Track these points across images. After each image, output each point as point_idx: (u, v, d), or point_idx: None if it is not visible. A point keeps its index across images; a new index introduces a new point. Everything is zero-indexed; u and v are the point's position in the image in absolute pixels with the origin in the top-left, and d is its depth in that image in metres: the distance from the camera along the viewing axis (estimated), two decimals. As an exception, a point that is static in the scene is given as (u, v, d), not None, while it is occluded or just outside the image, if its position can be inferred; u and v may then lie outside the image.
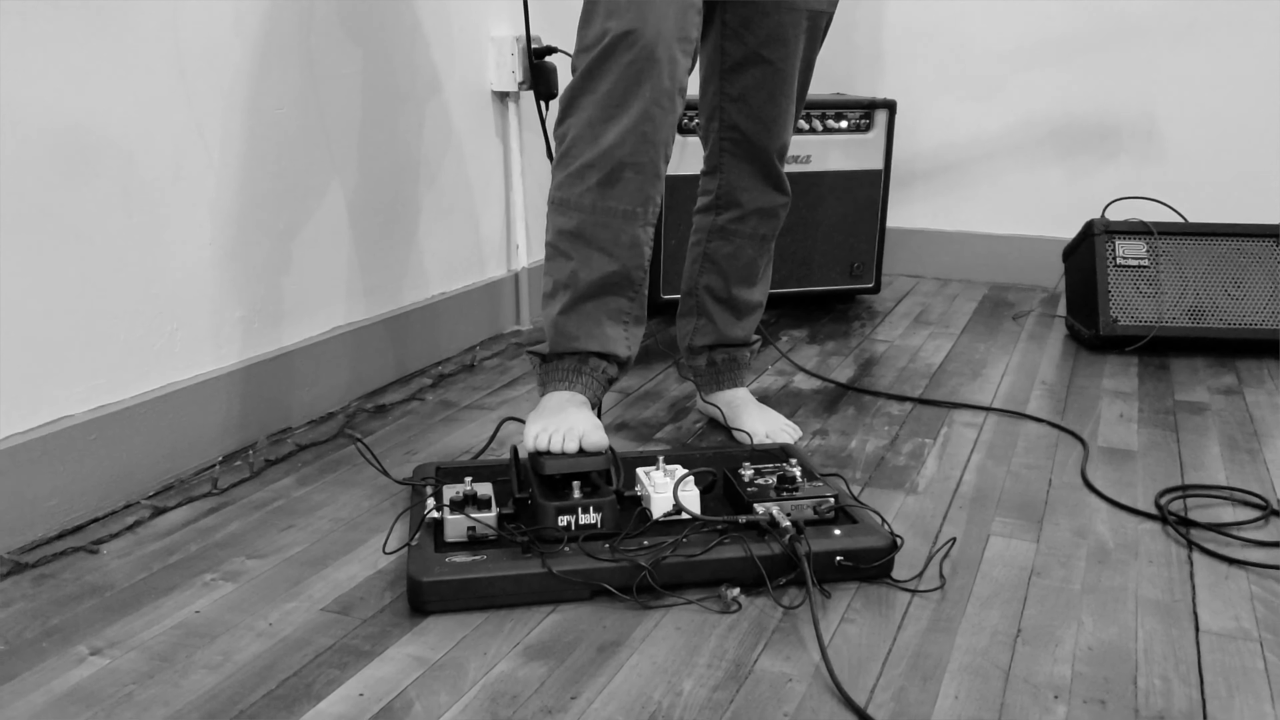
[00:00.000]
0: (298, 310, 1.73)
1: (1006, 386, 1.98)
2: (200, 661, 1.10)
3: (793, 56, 1.53)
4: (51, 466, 1.34)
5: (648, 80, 1.33)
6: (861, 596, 1.23)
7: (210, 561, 1.31)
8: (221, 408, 1.58)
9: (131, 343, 1.45)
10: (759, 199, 1.63)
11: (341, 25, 1.74)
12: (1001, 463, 1.63)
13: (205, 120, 1.51)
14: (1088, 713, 1.02)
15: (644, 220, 1.41)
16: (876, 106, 2.45)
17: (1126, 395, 1.94)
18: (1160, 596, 1.24)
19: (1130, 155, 2.62)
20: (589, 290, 1.43)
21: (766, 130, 1.58)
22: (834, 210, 2.46)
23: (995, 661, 1.10)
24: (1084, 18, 2.59)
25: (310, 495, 1.49)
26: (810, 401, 1.90)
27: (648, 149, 1.36)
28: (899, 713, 1.02)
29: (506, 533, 1.25)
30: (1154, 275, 2.19)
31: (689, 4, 1.36)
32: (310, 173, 1.72)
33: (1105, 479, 1.57)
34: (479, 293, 2.19)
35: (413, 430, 1.75)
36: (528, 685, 1.05)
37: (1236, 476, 1.58)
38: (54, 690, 1.05)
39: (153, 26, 1.41)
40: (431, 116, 2.00)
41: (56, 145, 1.31)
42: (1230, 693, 1.05)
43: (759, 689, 1.05)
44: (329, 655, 1.10)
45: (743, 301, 1.71)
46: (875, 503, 1.48)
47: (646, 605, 1.20)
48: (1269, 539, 1.38)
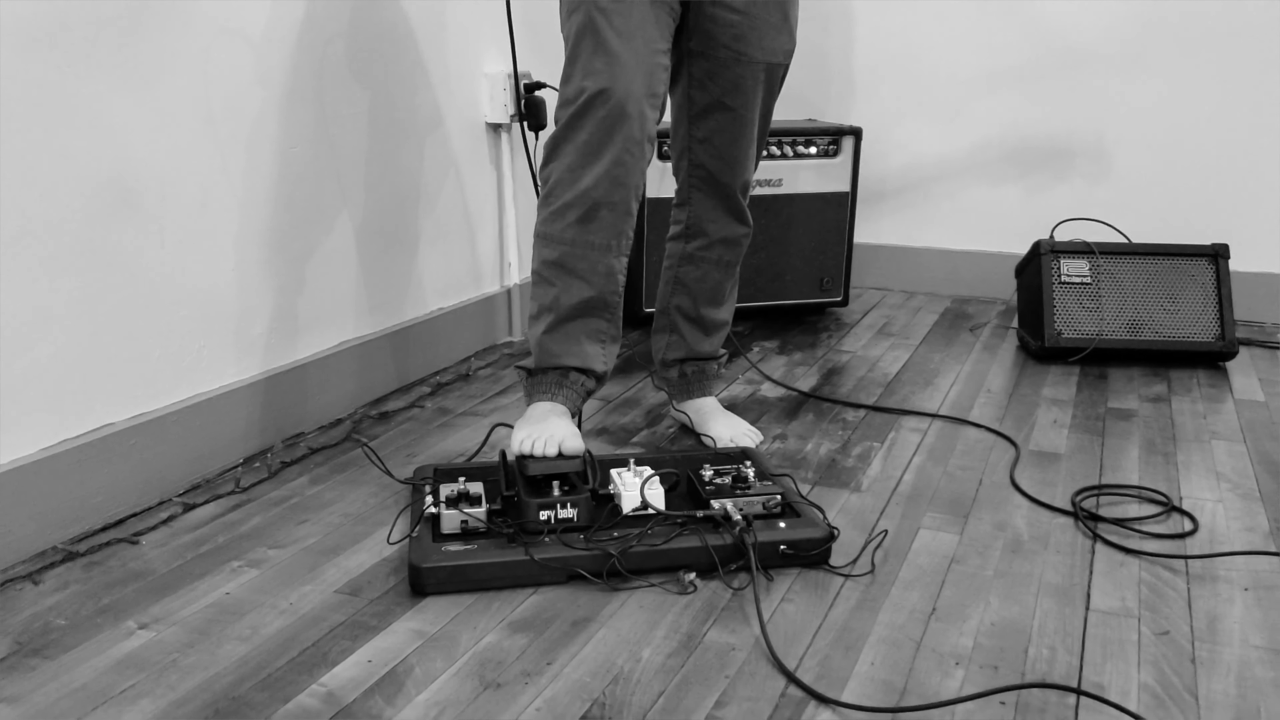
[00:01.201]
0: (310, 326, 1.92)
1: (954, 394, 2.18)
2: (232, 634, 1.29)
3: (752, 104, 1.72)
4: (97, 468, 1.53)
5: (620, 132, 1.52)
6: (801, 580, 1.42)
7: (236, 551, 1.50)
8: (243, 414, 1.78)
9: (164, 358, 1.64)
10: (723, 230, 1.83)
11: (350, 70, 1.94)
12: (939, 464, 1.82)
13: (229, 160, 1.70)
14: (982, 676, 1.21)
15: (618, 252, 1.60)
16: (843, 133, 2.64)
17: (1063, 403, 2.13)
18: (1060, 581, 1.43)
19: (1081, 176, 2.81)
20: (570, 313, 1.62)
21: (730, 169, 1.77)
22: (804, 229, 2.65)
23: (909, 635, 1.30)
24: (1037, 48, 2.78)
25: (322, 493, 1.69)
26: (774, 408, 2.09)
27: (620, 191, 1.56)
28: (821, 676, 1.21)
29: (495, 525, 1.44)
30: (1095, 291, 2.38)
31: (656, 64, 1.55)
32: (321, 203, 1.91)
33: (1030, 479, 1.76)
34: (474, 307, 2.39)
35: (413, 434, 1.94)
36: (510, 653, 1.25)
37: (1148, 477, 1.77)
38: (111, 657, 1.24)
39: (184, 80, 1.61)
40: (431, 148, 2.19)
41: (102, 188, 1.50)
42: (1104, 659, 1.25)
43: (706, 656, 1.25)
44: (342, 629, 1.30)
45: (710, 320, 1.90)
46: (822, 500, 1.67)
47: (615, 587, 1.39)
48: (1165, 532, 1.57)
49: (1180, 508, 1.65)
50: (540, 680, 1.20)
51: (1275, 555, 1.50)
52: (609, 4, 1.52)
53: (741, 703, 1.16)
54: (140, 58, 1.53)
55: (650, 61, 1.54)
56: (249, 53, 1.71)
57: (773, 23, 1.67)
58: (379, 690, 1.17)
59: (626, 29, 1.52)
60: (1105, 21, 2.71)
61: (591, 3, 1.53)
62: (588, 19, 1.53)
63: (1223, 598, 1.39)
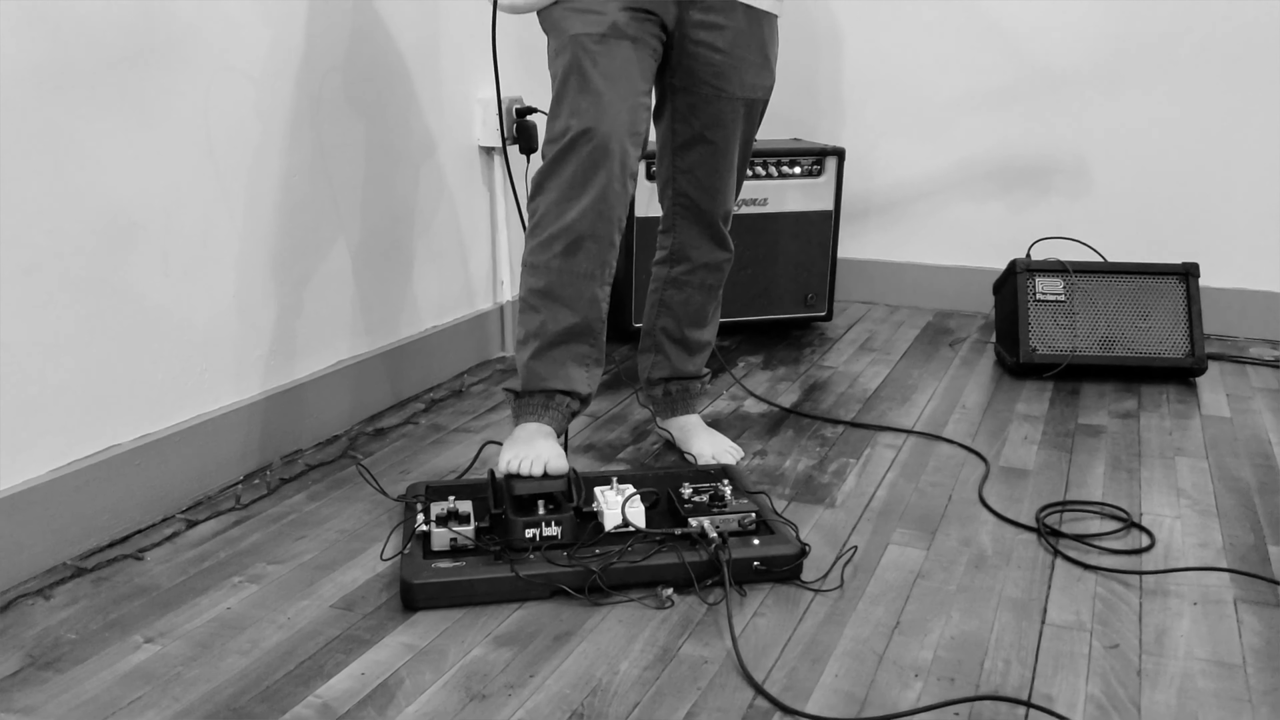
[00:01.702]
0: (308, 348, 2.00)
1: (931, 410, 2.25)
2: (233, 648, 1.37)
3: (732, 137, 1.80)
4: (103, 487, 1.61)
5: (603, 168, 1.60)
6: (773, 595, 1.50)
7: (237, 566, 1.58)
8: (243, 434, 1.85)
9: (168, 381, 1.72)
10: (706, 255, 1.90)
11: (346, 101, 2.01)
12: (911, 481, 1.89)
13: (230, 191, 1.78)
14: (939, 687, 1.29)
15: (601, 280, 1.68)
16: (827, 154, 2.72)
17: (1035, 419, 2.21)
18: (1019, 595, 1.50)
19: (1060, 194, 2.89)
20: (555, 339, 1.70)
21: (711, 198, 1.84)
22: (790, 247, 2.73)
23: (873, 648, 1.37)
24: (1017, 70, 2.86)
25: (319, 510, 1.76)
26: (756, 424, 2.17)
27: (604, 224, 1.63)
28: (788, 687, 1.29)
29: (482, 543, 1.52)
30: (1070, 309, 2.46)
31: (638, 104, 1.63)
32: (319, 229, 1.99)
33: (998, 495, 1.83)
34: (468, 324, 2.46)
35: (407, 451, 2.02)
36: (496, 666, 1.32)
37: (1111, 493, 1.85)
38: (119, 670, 1.31)
39: (186, 115, 1.68)
40: (425, 172, 2.26)
41: (109, 221, 1.58)
42: (1055, 672, 1.32)
43: (680, 669, 1.32)
44: (337, 643, 1.37)
45: (694, 341, 1.98)
46: (797, 515, 1.74)
47: (596, 602, 1.47)
48: (1123, 548, 1.65)
49: (1139, 524, 1.72)
50: (523, 692, 1.27)
51: (1225, 571, 1.57)
52: (594, 46, 1.60)
53: (711, 713, 1.24)
54: (144, 96, 1.61)
55: (633, 102, 1.62)
56: (249, 88, 1.79)
57: (753, 61, 1.74)
58: (371, 701, 1.25)
59: (610, 71, 1.60)
60: (1083, 44, 2.79)
61: (577, 44, 1.60)
62: (574, 60, 1.60)
63: (1172, 612, 1.46)
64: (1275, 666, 1.34)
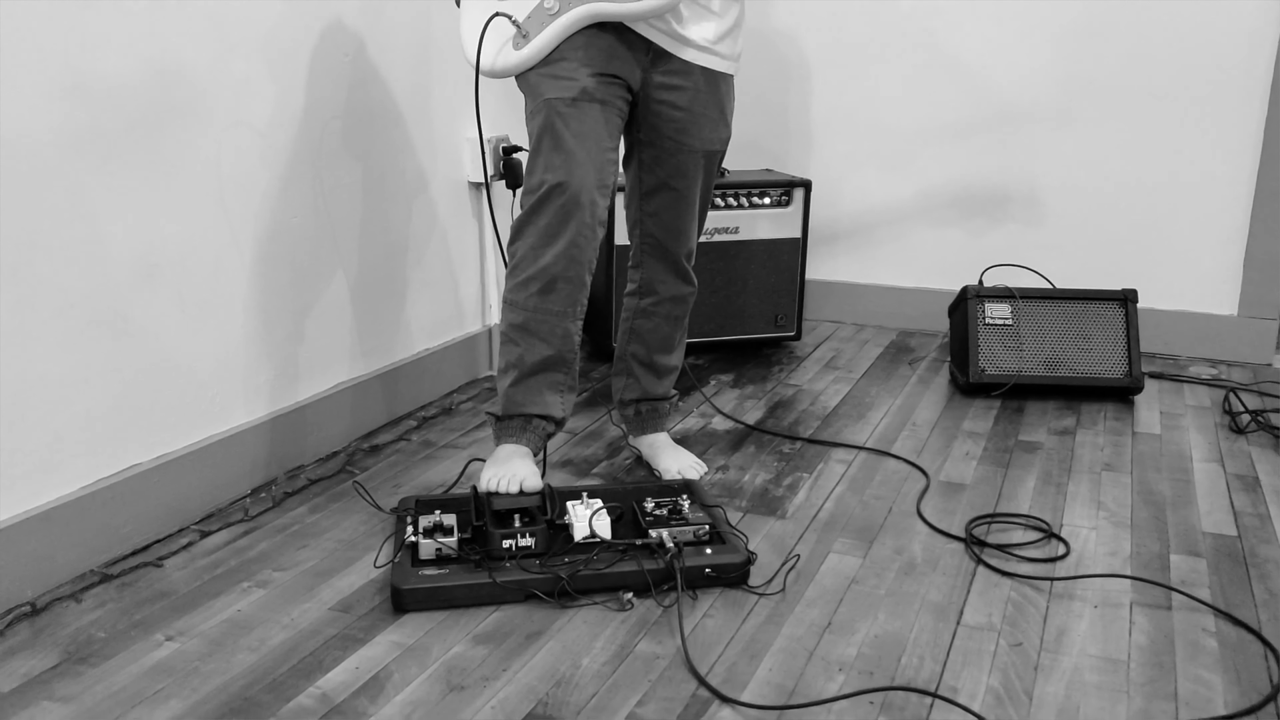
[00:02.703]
0: (309, 372, 2.19)
1: (883, 427, 2.44)
2: (243, 645, 1.56)
3: (693, 185, 1.99)
4: (126, 502, 1.80)
5: (574, 218, 1.79)
6: (722, 598, 1.69)
7: (246, 573, 1.77)
8: (250, 452, 2.05)
9: (183, 406, 1.91)
10: (671, 289, 2.09)
11: (344, 146, 2.20)
12: (858, 494, 2.08)
13: (239, 233, 1.97)
14: (858, 680, 1.48)
15: (573, 317, 1.87)
16: (795, 185, 2.91)
17: (978, 435, 2.40)
18: (940, 599, 1.69)
19: (1014, 221, 3.08)
20: (532, 369, 1.89)
21: (675, 239, 2.03)
22: (760, 271, 2.92)
23: (805, 645, 1.56)
24: (975, 105, 3.05)
25: (320, 521, 1.95)
26: (721, 441, 2.36)
27: (575, 267, 1.83)
28: (727, 680, 1.48)
29: (464, 553, 1.71)
30: (1016, 332, 2.65)
31: (606, 160, 1.82)
32: (319, 264, 2.18)
33: (934, 508, 2.02)
34: (458, 346, 2.65)
35: (400, 466, 2.21)
36: (474, 661, 1.52)
37: (1038, 506, 2.04)
38: (143, 665, 1.51)
39: (200, 168, 1.88)
40: (418, 207, 2.46)
41: (132, 263, 1.77)
42: (963, 667, 1.51)
43: (635, 664, 1.51)
44: (334, 641, 1.56)
45: (662, 365, 2.17)
46: (750, 526, 1.93)
47: (564, 605, 1.66)
48: (1040, 556, 1.84)
49: (1057, 534, 1.91)
50: (496, 684, 1.46)
51: (1125, 578, 1.76)
52: (565, 109, 1.79)
53: (659, 702, 1.43)
54: (162, 151, 1.80)
55: (600, 158, 1.81)
56: (255, 140, 1.98)
57: (710, 117, 1.94)
58: (364, 692, 1.44)
59: (580, 130, 1.79)
60: (1035, 81, 2.98)
61: (551, 108, 1.80)
62: (548, 121, 1.80)
63: (1074, 614, 1.65)
64: (1156, 662, 1.53)
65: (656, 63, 1.87)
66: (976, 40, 3.02)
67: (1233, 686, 1.47)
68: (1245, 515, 2.00)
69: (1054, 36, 2.94)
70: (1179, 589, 1.72)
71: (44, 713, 1.40)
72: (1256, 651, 1.56)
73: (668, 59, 1.87)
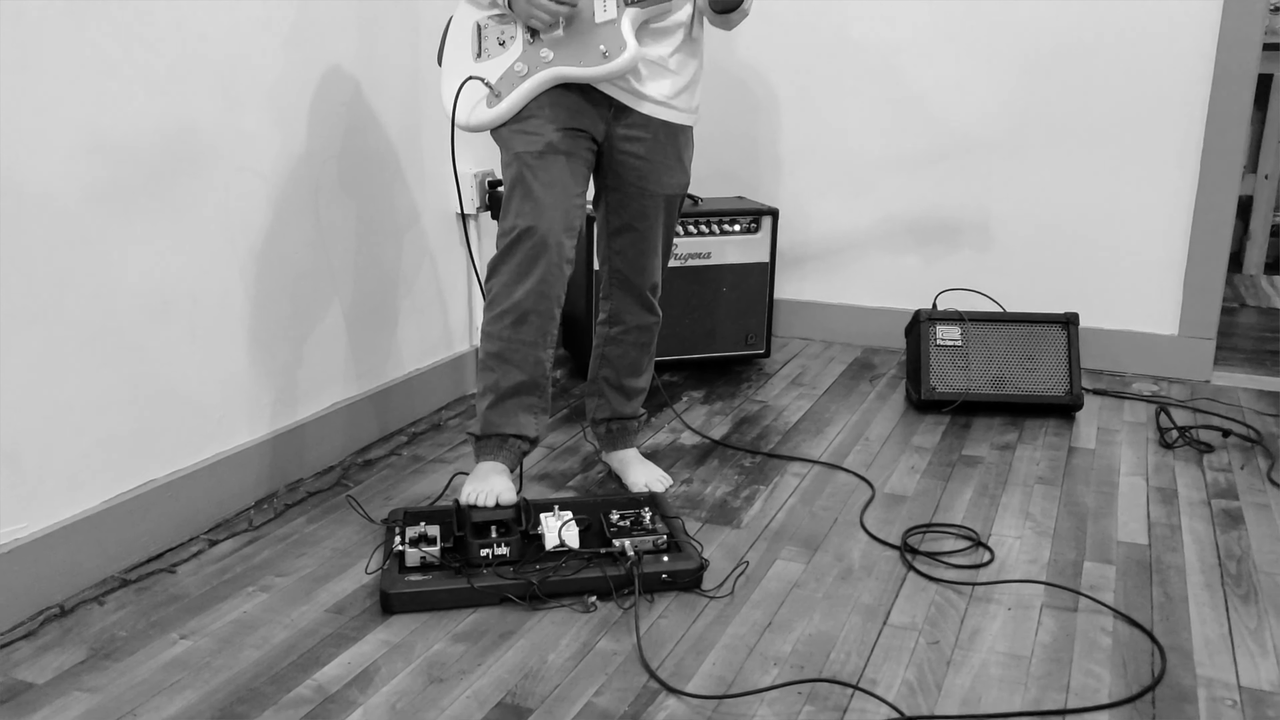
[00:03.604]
0: (308, 393, 2.39)
1: (839, 442, 2.64)
2: (249, 643, 1.76)
3: (655, 226, 2.19)
4: (143, 513, 2.00)
5: (543, 259, 2.00)
6: (676, 601, 1.89)
7: (251, 578, 1.97)
8: (254, 467, 2.25)
9: (193, 427, 2.11)
10: (638, 319, 2.29)
11: (341, 186, 2.41)
12: (808, 505, 2.29)
13: (245, 269, 2.18)
14: (790, 673, 1.68)
15: (544, 346, 2.08)
16: (763, 213, 3.11)
17: (925, 450, 2.60)
18: (871, 602, 1.90)
19: (969, 245, 3.28)
20: (507, 393, 2.09)
21: (640, 274, 2.24)
22: (731, 294, 3.12)
23: (746, 642, 1.76)
24: (935, 135, 3.25)
25: (317, 531, 2.16)
26: (688, 455, 2.56)
27: (545, 302, 2.03)
28: (675, 673, 1.68)
29: (446, 560, 1.91)
30: (965, 352, 2.85)
31: (573, 205, 2.03)
32: (317, 294, 2.38)
33: (875, 518, 2.23)
34: (446, 365, 2.86)
35: (391, 479, 2.41)
36: (452, 657, 1.72)
37: (971, 516, 2.24)
38: (161, 660, 1.71)
39: (210, 212, 2.08)
40: (410, 239, 2.66)
41: (148, 298, 1.97)
42: (884, 662, 1.71)
43: (594, 659, 1.71)
44: (329, 639, 1.77)
45: (630, 388, 2.37)
46: (707, 536, 2.13)
47: (535, 608, 1.86)
48: (966, 563, 2.04)
49: (984, 543, 2.11)
50: (471, 676, 1.67)
51: (1039, 583, 1.96)
52: (534, 161, 1.99)
53: (614, 692, 1.63)
54: (175, 199, 2.00)
55: (567, 204, 2.01)
56: (260, 183, 2.18)
57: (669, 165, 2.14)
58: (355, 684, 1.64)
59: (548, 180, 1.99)
60: (989, 115, 3.18)
61: (521, 161, 2.00)
62: (518, 173, 2.00)
63: (989, 615, 1.86)
64: (1055, 658, 1.73)
65: (619, 116, 2.07)
66: (933, 78, 3.22)
67: (1119, 679, 1.68)
68: (1158, 526, 2.20)
69: (1006, 74, 3.14)
70: (1085, 593, 1.93)
71: (75, 702, 1.60)
72: (1146, 649, 1.76)
73: (629, 113, 2.07)
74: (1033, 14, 3.08)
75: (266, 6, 2.15)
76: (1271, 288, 4.35)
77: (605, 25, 1.96)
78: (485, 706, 1.59)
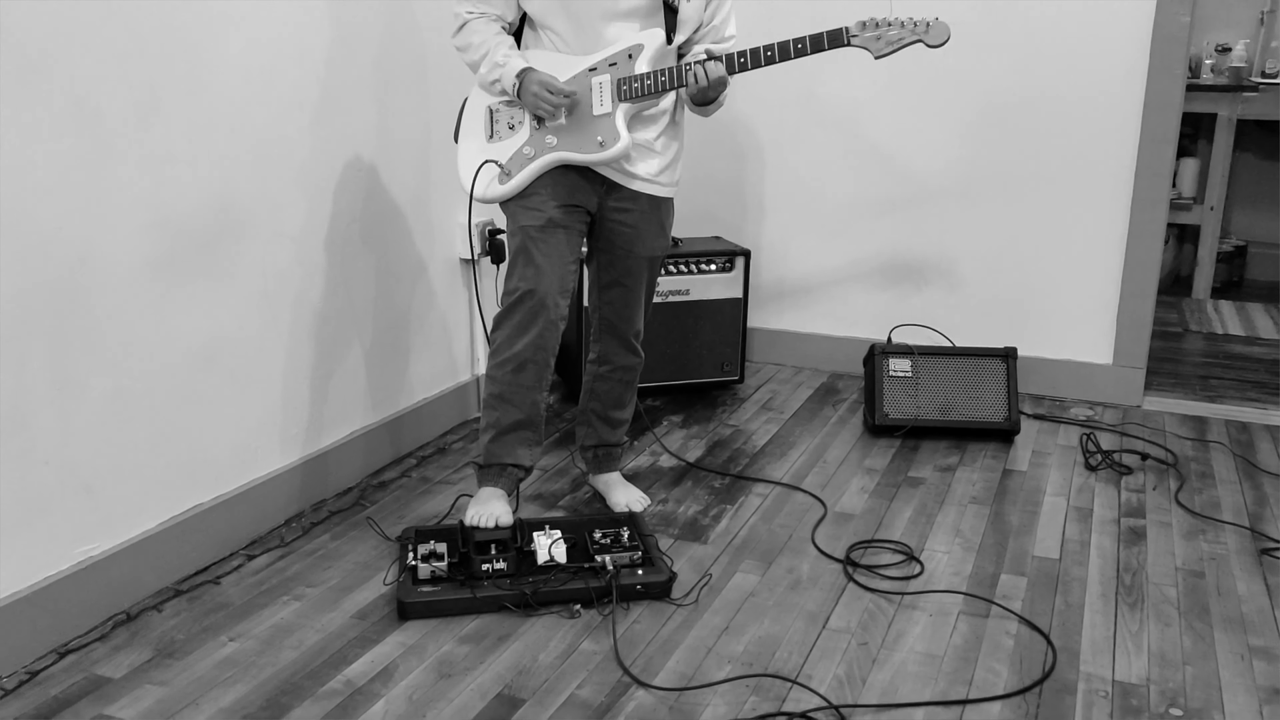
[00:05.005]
0: (331, 424, 2.73)
1: (800, 464, 2.98)
2: (287, 645, 2.09)
3: (639, 282, 2.51)
4: (192, 533, 2.34)
5: (541, 316, 2.33)
6: (649, 609, 2.22)
7: (285, 589, 2.30)
8: (284, 490, 2.58)
9: (232, 457, 2.45)
10: (622, 360, 2.62)
11: (361, 241, 2.74)
12: (768, 523, 2.62)
13: (278, 319, 2.51)
14: (741, 668, 2.01)
15: (540, 389, 2.41)
16: (737, 254, 3.45)
17: (875, 471, 2.93)
18: (814, 609, 2.23)
19: (928, 282, 3.62)
20: (507, 429, 2.43)
21: (626, 322, 2.56)
22: (708, 326, 3.45)
23: (705, 644, 2.10)
24: (895, 184, 3.59)
25: (340, 546, 2.49)
26: (665, 476, 2.90)
27: (541, 352, 2.36)
28: (645, 670, 2.01)
29: (452, 574, 2.24)
30: (915, 382, 3.19)
31: (568, 271, 2.36)
32: (340, 337, 2.71)
33: (825, 535, 2.56)
34: (451, 394, 3.19)
35: (403, 499, 2.75)
36: (459, 656, 2.05)
37: (908, 533, 2.57)
38: (215, 659, 2.04)
39: (247, 272, 2.41)
40: (421, 283, 2.99)
41: (196, 349, 2.31)
42: (820, 660, 2.05)
43: (578, 658, 2.05)
44: (354, 641, 2.10)
45: (615, 419, 2.70)
46: (678, 551, 2.47)
47: (528, 615, 2.19)
48: (899, 575, 2.37)
49: (916, 557, 2.45)
50: (474, 673, 2.00)
51: (958, 593, 2.30)
52: (535, 234, 2.33)
53: (594, 685, 1.96)
54: (218, 260, 2.34)
55: (563, 270, 2.35)
56: (290, 245, 2.52)
57: (653, 231, 2.47)
58: (378, 679, 1.98)
59: (547, 250, 2.33)
60: (942, 165, 3.51)
61: (525, 232, 2.33)
62: (522, 243, 2.33)
63: (913, 621, 2.19)
64: (963, 657, 2.06)
65: (610, 191, 2.41)
66: (892, 132, 3.55)
67: (1015, 675, 2.01)
68: (1071, 542, 2.54)
69: (957, 128, 3.48)
70: (997, 602, 2.26)
71: (147, 694, 1.93)
72: (1041, 649, 2.09)
73: (619, 188, 2.40)
74: (981, 75, 3.42)
75: (298, 91, 2.49)
76: (1216, 313, 4.68)
77: (602, 117, 2.29)
78: (486, 697, 1.93)
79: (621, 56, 2.28)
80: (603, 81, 2.29)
